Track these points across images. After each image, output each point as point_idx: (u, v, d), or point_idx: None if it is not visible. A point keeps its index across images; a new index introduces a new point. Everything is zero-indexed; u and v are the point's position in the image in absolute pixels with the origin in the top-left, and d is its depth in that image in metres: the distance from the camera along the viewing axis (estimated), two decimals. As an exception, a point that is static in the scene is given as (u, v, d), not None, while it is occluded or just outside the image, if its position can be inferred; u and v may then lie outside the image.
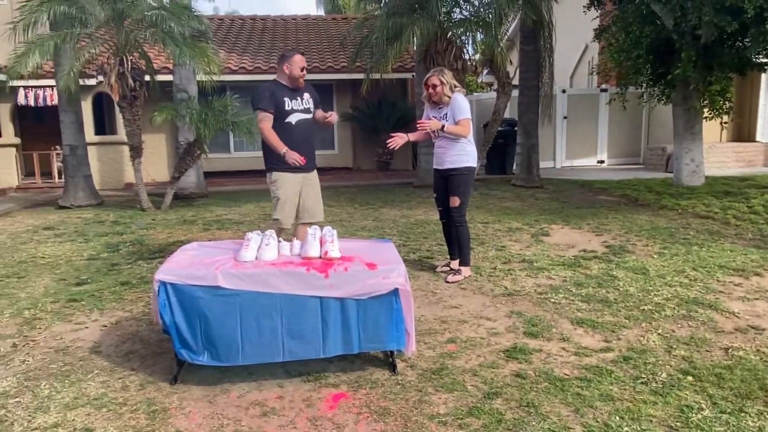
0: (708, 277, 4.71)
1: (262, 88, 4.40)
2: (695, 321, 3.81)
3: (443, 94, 4.66)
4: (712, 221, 6.95)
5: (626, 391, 2.90)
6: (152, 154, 13.45)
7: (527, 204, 8.66)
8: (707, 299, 4.19)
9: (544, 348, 3.46)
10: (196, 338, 2.98)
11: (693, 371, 3.09)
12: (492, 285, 4.69)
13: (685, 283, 4.56)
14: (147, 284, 4.87)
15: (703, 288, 4.45)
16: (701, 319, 3.83)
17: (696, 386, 2.93)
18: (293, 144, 4.31)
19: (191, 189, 10.64)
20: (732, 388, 2.90)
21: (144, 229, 7.50)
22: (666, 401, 2.79)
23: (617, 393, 2.88)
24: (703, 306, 4.06)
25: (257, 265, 3.07)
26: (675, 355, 3.31)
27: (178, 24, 8.63)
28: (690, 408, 2.72)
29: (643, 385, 2.96)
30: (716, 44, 8.49)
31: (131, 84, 8.75)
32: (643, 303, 4.14)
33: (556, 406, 2.78)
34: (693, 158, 9.52)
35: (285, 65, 4.38)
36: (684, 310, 3.99)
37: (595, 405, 2.77)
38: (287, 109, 4.35)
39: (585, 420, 2.64)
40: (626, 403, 2.77)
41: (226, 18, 18.58)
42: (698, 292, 4.35)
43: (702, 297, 4.24)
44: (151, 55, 10.93)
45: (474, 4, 9.50)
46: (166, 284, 2.95)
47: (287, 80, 4.40)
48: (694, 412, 2.68)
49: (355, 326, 3.08)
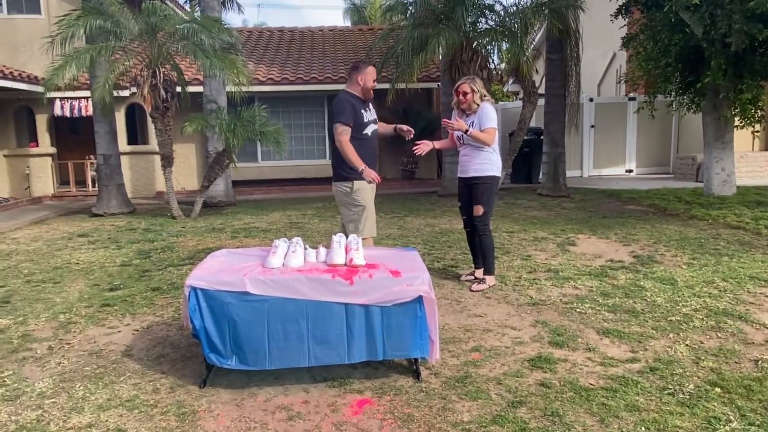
0: (738, 288, 4.62)
1: (343, 100, 4.35)
2: (724, 332, 3.75)
3: (473, 101, 4.70)
4: (743, 232, 6.81)
5: (652, 401, 2.87)
6: (182, 163, 13.74)
7: (553, 213, 8.61)
8: (737, 310, 4.12)
9: (569, 358, 3.44)
10: (225, 343, 3.05)
11: (721, 383, 3.04)
12: (517, 294, 4.68)
13: (715, 294, 4.48)
14: (177, 290, 4.99)
15: (733, 299, 4.37)
16: (730, 331, 3.77)
17: (724, 398, 2.89)
18: (368, 155, 4.37)
19: (220, 197, 10.83)
20: (761, 401, 2.85)
21: (174, 236, 7.67)
22: (693, 412, 2.76)
23: (643, 404, 2.85)
24: (733, 317, 4.00)
25: (284, 272, 3.14)
26: (703, 366, 3.26)
27: (209, 37, 8.84)
28: (717, 420, 2.68)
29: (669, 396, 2.93)
30: (747, 52, 8.35)
31: (163, 95, 8.98)
32: (670, 314, 4.09)
33: (581, 415, 2.77)
34: (724, 167, 9.34)
35: (359, 76, 4.38)
36: (713, 322, 3.92)
37: (621, 415, 2.75)
38: (364, 121, 4.36)
39: (610, 430, 2.63)
40: (652, 414, 2.75)
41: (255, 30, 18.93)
42: (728, 303, 4.27)
43: (732, 308, 4.17)
44: (182, 66, 11.21)
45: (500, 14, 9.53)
46: (197, 289, 3.03)
47: (360, 92, 4.39)
48: (721, 423, 2.65)
49: (379, 333, 3.12)
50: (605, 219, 7.93)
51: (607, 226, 7.33)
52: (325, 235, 7.18)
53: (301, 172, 14.63)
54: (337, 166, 4.45)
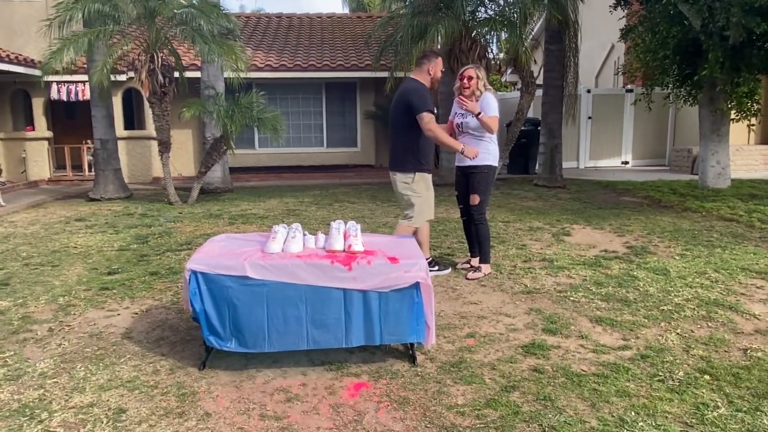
0: (729, 280, 4.70)
1: (422, 89, 4.46)
2: (715, 322, 3.82)
3: (476, 87, 4.74)
4: (736, 224, 6.89)
5: (643, 387, 2.94)
6: (179, 149, 13.71)
7: (549, 204, 8.67)
8: (728, 301, 4.19)
9: (562, 345, 3.51)
10: (225, 326, 3.10)
11: (710, 370, 3.11)
12: (512, 283, 4.74)
13: (706, 285, 4.55)
14: (175, 275, 5.03)
15: (724, 290, 4.45)
16: (721, 320, 3.84)
17: (713, 385, 2.96)
18: (431, 143, 4.57)
19: (217, 184, 10.84)
20: (749, 388, 2.92)
21: (171, 222, 7.69)
22: (682, 399, 2.83)
23: (634, 389, 2.92)
24: (724, 307, 4.07)
25: (283, 257, 3.18)
26: (693, 354, 3.33)
27: (207, 22, 8.81)
28: (706, 406, 2.75)
29: (660, 382, 3.00)
30: (745, 45, 8.39)
31: (161, 80, 8.97)
32: (662, 303, 4.16)
33: (573, 400, 2.83)
34: (719, 160, 9.41)
35: (429, 67, 4.50)
36: (704, 311, 4.00)
37: (611, 400, 2.82)
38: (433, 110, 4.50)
39: (601, 414, 2.70)
40: (642, 400, 2.82)
41: (252, 16, 18.82)
42: (719, 294, 4.35)
43: (723, 299, 4.24)
44: (180, 52, 11.16)
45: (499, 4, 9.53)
46: (197, 273, 3.07)
47: (428, 81, 4.52)
48: (710, 409, 2.72)
49: (377, 318, 3.17)
50: (600, 210, 7.99)
51: (601, 217, 7.40)
52: (322, 222, 7.22)
53: (299, 160, 14.64)
54: (401, 156, 4.54)
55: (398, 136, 4.55)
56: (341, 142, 15.13)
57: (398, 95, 4.61)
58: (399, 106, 4.53)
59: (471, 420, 2.68)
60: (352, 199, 9.51)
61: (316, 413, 2.77)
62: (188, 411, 2.78)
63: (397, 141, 4.57)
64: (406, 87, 4.53)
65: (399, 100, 4.55)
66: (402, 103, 4.48)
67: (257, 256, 3.18)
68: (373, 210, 8.36)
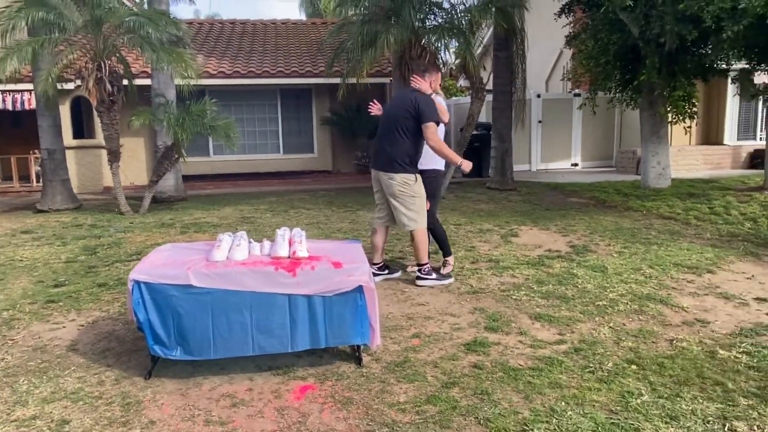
0: (663, 275, 4.96)
1: (430, 100, 4.61)
2: (646, 315, 4.05)
3: None
4: (674, 222, 7.24)
5: (574, 379, 3.11)
6: (131, 157, 13.48)
7: (500, 206, 8.91)
8: (659, 295, 4.44)
9: (502, 341, 3.66)
10: (169, 334, 3.13)
11: (637, 361, 3.31)
12: (458, 284, 4.89)
13: (640, 280, 4.81)
14: (124, 285, 4.99)
15: (657, 284, 4.70)
16: (651, 313, 4.07)
17: (639, 374, 3.16)
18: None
19: (170, 192, 10.72)
20: (672, 376, 3.13)
21: (122, 232, 7.59)
22: (609, 388, 3.01)
23: (565, 381, 3.09)
24: (655, 301, 4.31)
25: (228, 265, 3.23)
26: (623, 346, 3.54)
27: (156, 30, 8.73)
28: (631, 394, 2.93)
29: (590, 373, 3.18)
30: (680, 52, 8.82)
31: (109, 88, 8.82)
32: (598, 299, 4.38)
33: (508, 393, 2.98)
34: (659, 161, 9.85)
35: (432, 79, 4.70)
36: (636, 305, 4.23)
37: (544, 392, 2.98)
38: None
39: (533, 405, 2.85)
40: (573, 390, 2.98)
41: (206, 22, 18.66)
42: (652, 289, 4.59)
43: (655, 293, 4.49)
44: (130, 59, 11.00)
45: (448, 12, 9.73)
46: (140, 283, 3.10)
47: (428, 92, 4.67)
48: (634, 397, 2.90)
49: (321, 322, 3.25)
50: (548, 211, 8.27)
51: (548, 218, 7.66)
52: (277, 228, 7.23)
53: (255, 167, 14.58)
54: (402, 158, 4.63)
55: (399, 139, 4.62)
56: (297, 148, 15.14)
57: (403, 100, 4.71)
58: (403, 111, 4.63)
59: (411, 416, 2.80)
60: (308, 205, 9.56)
61: (261, 416, 2.83)
62: (132, 420, 2.80)
63: (396, 144, 4.63)
64: (415, 95, 4.64)
65: (403, 106, 4.64)
66: (410, 109, 4.58)
67: (201, 264, 3.22)
68: (329, 216, 8.42)
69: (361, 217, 8.21)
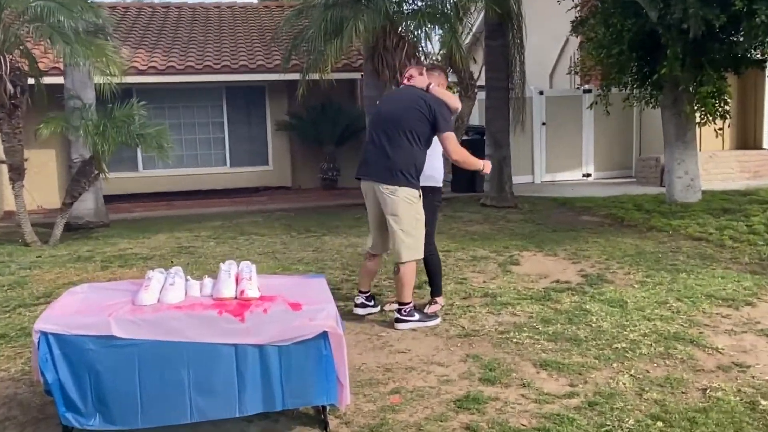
0: (693, 309, 5.06)
1: (444, 104, 4.77)
2: (673, 359, 4.11)
3: None
4: (705, 243, 7.40)
5: (588, 441, 3.15)
6: (38, 174, 13.28)
7: (497, 228, 9.00)
8: (689, 334, 4.52)
9: (500, 396, 3.68)
10: (86, 398, 3.08)
11: (664, 416, 3.36)
12: (447, 324, 4.92)
13: (666, 317, 4.89)
14: (28, 336, 4.89)
15: (686, 321, 4.79)
16: (680, 357, 4.14)
17: (666, 432, 3.20)
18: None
19: (88, 217, 10.60)
20: (705, 434, 3.18)
21: (27, 269, 7.47)
22: (631, 451, 3.04)
23: (578, 444, 3.12)
24: (684, 342, 4.39)
25: (159, 309, 3.21)
26: (646, 398, 3.58)
27: (69, 17, 8.70)
28: (656, 457, 2.97)
29: (607, 433, 3.21)
30: (706, 39, 9.07)
31: (10, 90, 8.74)
32: (616, 340, 4.44)
33: (508, 461, 3.00)
34: (687, 170, 10.07)
35: (440, 80, 4.98)
36: (662, 347, 4.29)
37: (552, 458, 3.00)
38: None
39: (539, 475, 2.87)
40: (587, 455, 3.01)
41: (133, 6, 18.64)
42: (680, 326, 4.68)
43: (683, 331, 4.57)
44: (37, 53, 10.94)
45: (429, -6, 9.93)
46: (48, 335, 3.05)
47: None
48: (660, 461, 2.94)
49: (277, 378, 3.23)
50: (555, 233, 8.39)
51: (556, 241, 7.77)
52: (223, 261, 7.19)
53: (196, 183, 14.51)
54: (402, 167, 4.66)
55: (406, 144, 4.66)
56: (248, 159, 15.14)
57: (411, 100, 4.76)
58: (414, 112, 4.68)
59: (389, 494, 2.79)
60: (261, 230, 9.53)
61: (201, 500, 2.80)
62: None
63: (401, 150, 4.66)
64: (427, 96, 4.73)
65: (413, 106, 4.70)
66: (424, 111, 4.65)
67: (126, 309, 3.19)
68: (287, 243, 8.42)
69: (327, 244, 8.21)
